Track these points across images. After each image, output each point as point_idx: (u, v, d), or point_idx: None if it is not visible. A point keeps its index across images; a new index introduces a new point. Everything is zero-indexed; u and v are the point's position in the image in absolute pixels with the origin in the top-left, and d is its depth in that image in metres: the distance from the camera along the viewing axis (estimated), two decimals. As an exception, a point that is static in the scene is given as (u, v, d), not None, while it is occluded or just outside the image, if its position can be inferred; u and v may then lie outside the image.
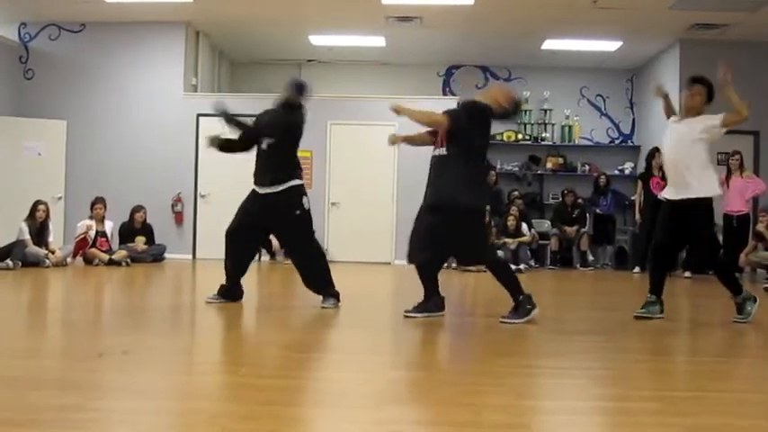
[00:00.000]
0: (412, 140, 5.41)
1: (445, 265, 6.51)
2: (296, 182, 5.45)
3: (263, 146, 5.47)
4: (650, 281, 5.35)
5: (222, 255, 5.66)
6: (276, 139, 5.44)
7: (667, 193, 5.30)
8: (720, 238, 9.90)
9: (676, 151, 5.21)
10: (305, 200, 5.47)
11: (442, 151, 4.97)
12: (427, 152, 5.15)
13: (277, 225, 5.56)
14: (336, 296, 5.52)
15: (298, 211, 5.41)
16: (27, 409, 2.57)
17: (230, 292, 5.61)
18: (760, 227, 9.18)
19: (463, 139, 4.92)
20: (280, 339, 4.38)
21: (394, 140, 5.36)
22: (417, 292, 5.22)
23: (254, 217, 5.47)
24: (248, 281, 5.74)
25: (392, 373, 3.46)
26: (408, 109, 5.07)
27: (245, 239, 5.60)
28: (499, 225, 10.83)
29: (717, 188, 5.18)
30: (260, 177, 5.49)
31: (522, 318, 4.82)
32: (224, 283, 5.63)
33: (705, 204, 5.12)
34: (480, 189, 5.09)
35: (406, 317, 5.01)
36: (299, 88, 5.64)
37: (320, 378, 3.42)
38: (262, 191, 5.46)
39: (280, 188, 5.39)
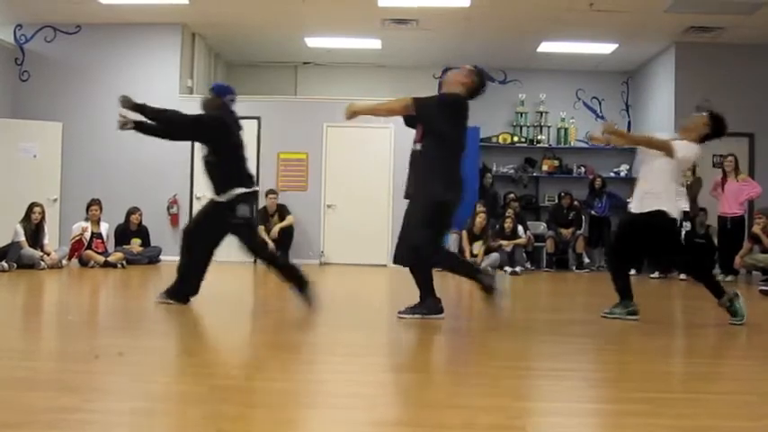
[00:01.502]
0: (373, 111, 5.41)
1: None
2: (239, 190, 5.34)
3: (202, 159, 5.47)
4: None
5: (219, 257, 5.61)
6: (208, 149, 5.42)
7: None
8: (715, 240, 9.96)
9: None
10: (241, 208, 5.32)
11: (418, 146, 5.00)
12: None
13: (225, 230, 5.46)
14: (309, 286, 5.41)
15: (233, 221, 5.31)
16: (24, 410, 2.57)
17: (177, 293, 5.42)
18: (756, 229, 9.20)
19: (436, 131, 4.92)
20: (274, 341, 4.38)
21: (351, 114, 4.98)
22: (412, 295, 5.22)
23: (207, 219, 5.47)
24: (243, 282, 5.75)
25: (386, 374, 3.46)
26: (362, 106, 5.14)
27: (200, 241, 5.49)
28: (495, 227, 10.85)
29: None
30: (211, 186, 5.49)
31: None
32: (173, 282, 5.47)
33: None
34: (448, 183, 4.90)
35: (400, 318, 5.01)
36: (219, 90, 5.59)
37: (314, 380, 3.42)
38: (213, 197, 5.47)
39: (222, 198, 5.36)
